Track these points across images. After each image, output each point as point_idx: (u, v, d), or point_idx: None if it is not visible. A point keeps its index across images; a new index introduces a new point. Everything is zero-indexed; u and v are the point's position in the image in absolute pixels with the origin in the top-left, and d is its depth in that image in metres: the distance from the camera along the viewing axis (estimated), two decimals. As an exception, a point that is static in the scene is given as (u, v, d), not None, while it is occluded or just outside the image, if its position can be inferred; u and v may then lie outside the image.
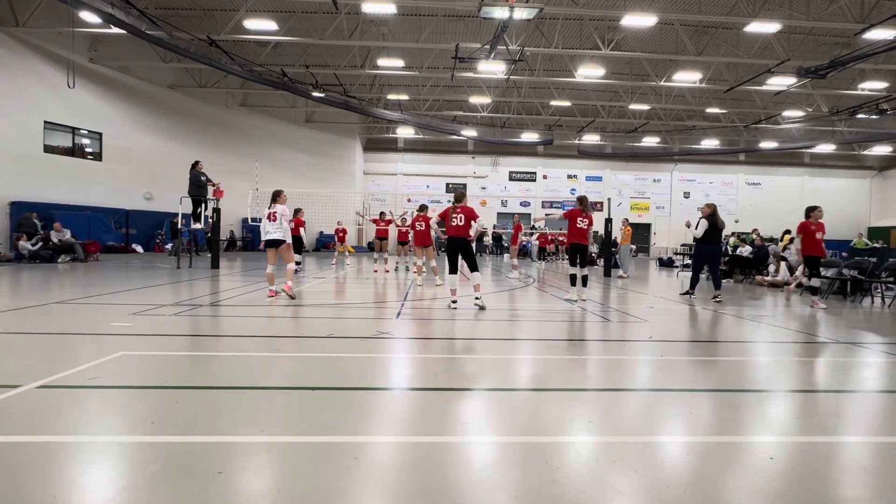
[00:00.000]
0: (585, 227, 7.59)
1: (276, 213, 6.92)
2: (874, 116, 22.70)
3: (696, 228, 8.06)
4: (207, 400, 2.77)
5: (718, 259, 8.58)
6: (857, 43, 15.84)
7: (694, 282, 8.21)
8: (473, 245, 6.82)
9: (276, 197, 7.07)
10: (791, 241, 13.06)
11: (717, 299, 7.75)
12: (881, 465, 2.15)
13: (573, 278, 7.63)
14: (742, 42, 17.30)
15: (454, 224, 6.54)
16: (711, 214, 7.97)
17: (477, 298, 6.46)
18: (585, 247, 7.64)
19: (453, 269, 6.60)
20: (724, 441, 2.36)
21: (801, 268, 10.30)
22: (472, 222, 6.55)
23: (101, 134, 19.19)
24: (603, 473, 1.97)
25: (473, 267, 6.62)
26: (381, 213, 13.34)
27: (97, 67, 18.84)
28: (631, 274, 13.14)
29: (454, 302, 6.41)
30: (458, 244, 6.56)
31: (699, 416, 2.70)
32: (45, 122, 17.33)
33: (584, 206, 7.65)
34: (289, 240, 7.02)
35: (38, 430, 2.27)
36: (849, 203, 32.66)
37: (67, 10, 14.58)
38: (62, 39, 16.50)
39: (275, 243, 6.93)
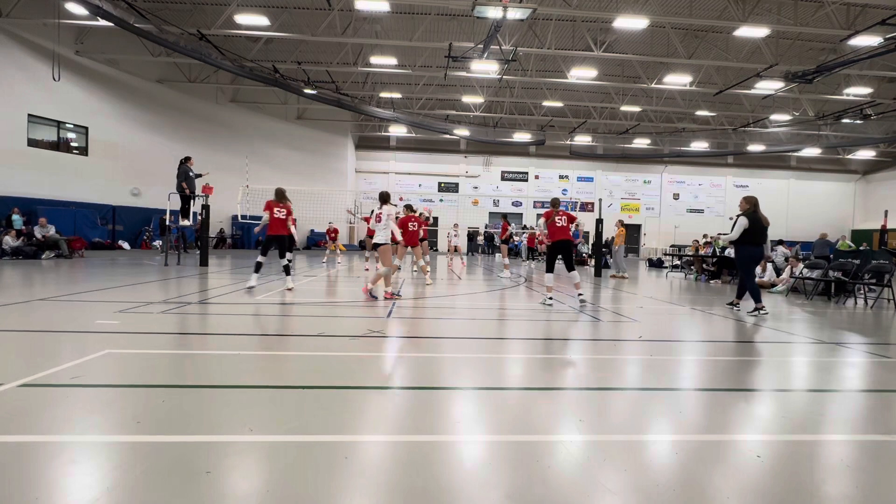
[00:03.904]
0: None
1: (381, 213, 6.92)
2: (859, 121, 23.17)
3: (731, 230, 6.68)
4: (195, 399, 2.73)
5: (757, 264, 7.16)
6: (843, 49, 16.15)
7: (753, 292, 6.65)
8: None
9: (387, 199, 7.09)
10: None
11: (763, 311, 6.43)
12: (865, 463, 2.19)
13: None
14: (731, 46, 17.53)
15: (560, 226, 6.75)
16: (752, 210, 6.65)
17: (580, 295, 6.73)
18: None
19: (552, 269, 6.77)
20: (713, 439, 2.39)
21: (787, 269, 10.48)
22: (572, 224, 6.83)
23: (87, 128, 18.87)
24: (593, 472, 1.98)
25: (571, 266, 6.84)
26: (373, 212, 13.27)
27: (83, 60, 18.50)
28: (624, 274, 13.23)
29: (550, 299, 6.59)
30: (565, 245, 6.79)
31: (688, 415, 2.72)
32: (29, 115, 16.99)
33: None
34: (389, 240, 6.89)
35: (20, 430, 2.22)
36: (833, 206, 33.31)
37: (53, 1, 14.30)
38: (47, 31, 16.18)
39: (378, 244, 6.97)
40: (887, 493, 1.92)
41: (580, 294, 6.79)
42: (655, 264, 19.70)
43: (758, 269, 11.56)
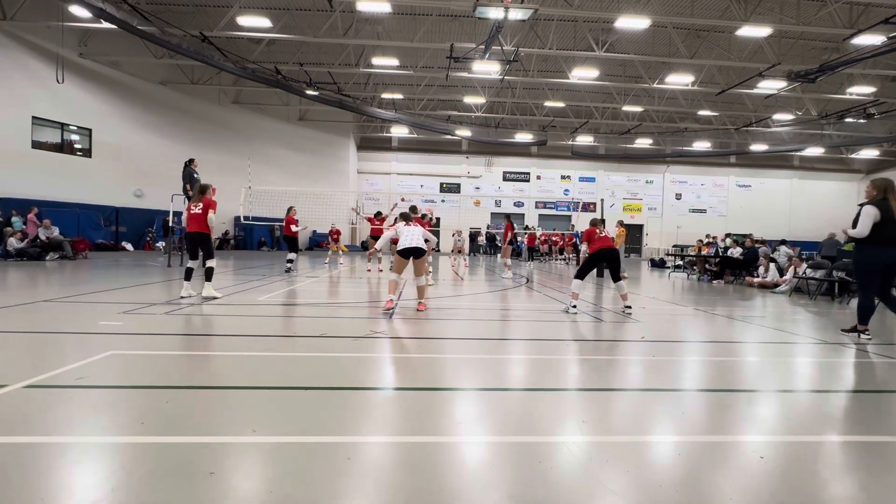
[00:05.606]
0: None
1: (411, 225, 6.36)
2: (862, 120, 23.07)
3: (853, 226, 5.01)
4: (198, 400, 2.74)
5: (882, 272, 5.03)
6: (846, 48, 16.09)
7: (866, 311, 5.06)
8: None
9: (414, 211, 6.61)
10: None
11: (867, 335, 4.96)
12: (869, 464, 2.19)
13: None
14: (734, 46, 17.49)
15: (602, 235, 6.71)
16: (882, 198, 4.92)
17: (628, 307, 6.47)
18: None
19: (583, 276, 6.67)
20: (715, 440, 2.39)
21: (791, 269, 10.45)
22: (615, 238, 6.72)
23: (90, 130, 18.96)
24: (595, 473, 1.98)
25: (617, 277, 6.71)
26: (378, 213, 13.28)
27: (87, 63, 18.59)
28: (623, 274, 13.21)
29: (574, 307, 6.34)
30: (608, 254, 6.69)
31: (690, 416, 2.72)
32: (34, 117, 17.09)
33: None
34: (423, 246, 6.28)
35: (24, 431, 2.23)
36: (837, 205, 33.10)
37: (57, 4, 14.39)
38: (51, 34, 16.27)
39: (418, 252, 6.16)
40: (891, 496, 1.91)
41: (627, 306, 6.47)
42: (658, 265, 19.65)
43: (760, 269, 11.53)
